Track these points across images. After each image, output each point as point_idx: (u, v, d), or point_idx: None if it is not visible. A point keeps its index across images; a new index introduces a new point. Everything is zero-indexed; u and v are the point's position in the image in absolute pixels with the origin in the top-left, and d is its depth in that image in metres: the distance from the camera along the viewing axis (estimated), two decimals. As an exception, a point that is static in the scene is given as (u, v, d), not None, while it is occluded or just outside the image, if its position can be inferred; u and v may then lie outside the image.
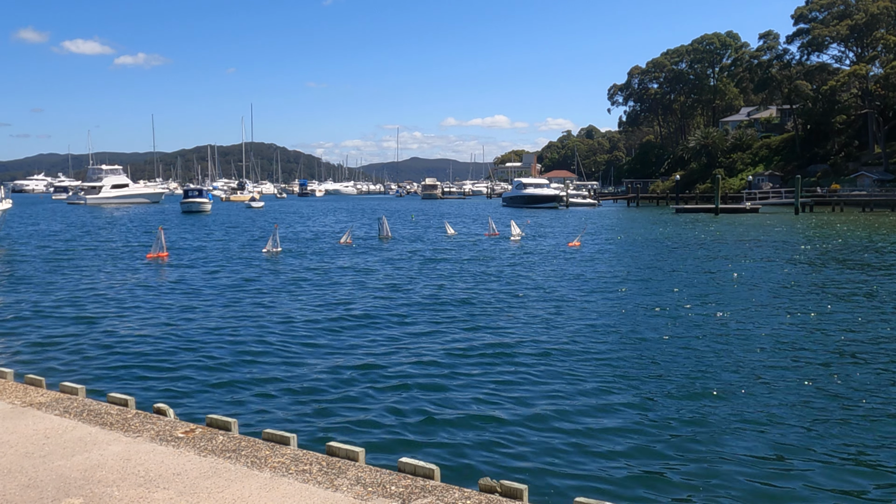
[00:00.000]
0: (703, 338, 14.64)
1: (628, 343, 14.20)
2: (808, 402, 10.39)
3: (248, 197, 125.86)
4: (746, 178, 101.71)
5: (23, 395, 7.70)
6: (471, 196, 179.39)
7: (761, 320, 16.55)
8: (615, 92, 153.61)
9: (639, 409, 10.13)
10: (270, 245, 34.97)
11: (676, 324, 16.14)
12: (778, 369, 12.19)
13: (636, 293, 20.89)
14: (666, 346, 13.90)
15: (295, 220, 69.77)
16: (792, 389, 11.01)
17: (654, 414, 9.89)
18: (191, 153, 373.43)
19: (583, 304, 18.88)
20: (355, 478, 5.42)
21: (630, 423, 9.55)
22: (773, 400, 10.49)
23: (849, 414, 9.86)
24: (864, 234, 44.16)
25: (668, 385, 11.25)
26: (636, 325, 16.04)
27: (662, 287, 22.14)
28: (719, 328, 15.68)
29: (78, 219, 67.70)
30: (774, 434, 9.13)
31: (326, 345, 14.19)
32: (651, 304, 18.88)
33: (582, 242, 38.93)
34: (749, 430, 9.27)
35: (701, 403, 10.37)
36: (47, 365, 12.50)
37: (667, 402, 10.37)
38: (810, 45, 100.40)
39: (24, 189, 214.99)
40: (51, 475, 5.50)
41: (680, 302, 19.14)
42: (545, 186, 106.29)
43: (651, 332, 15.18)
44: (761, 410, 10.02)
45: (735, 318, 16.74)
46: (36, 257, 31.56)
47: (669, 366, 12.42)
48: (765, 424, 9.48)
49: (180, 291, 21.41)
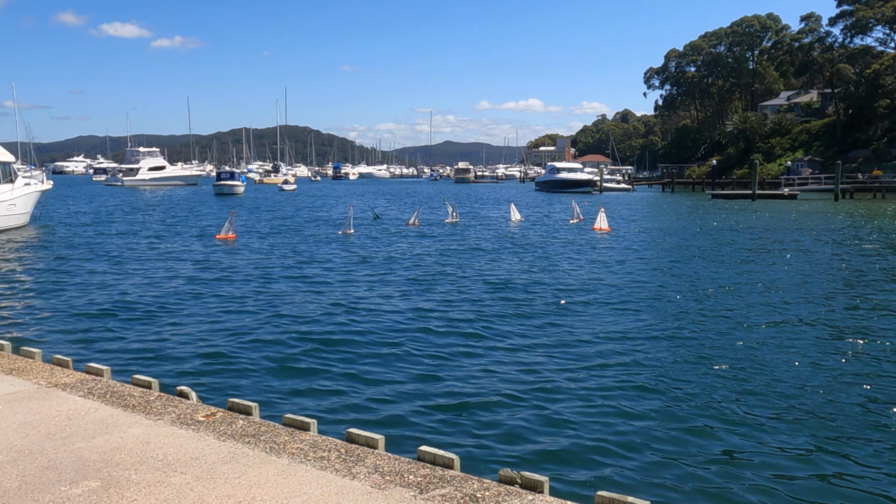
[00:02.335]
0: (752, 331, 14.35)
1: (676, 341, 13.93)
2: (867, 394, 10.11)
3: (281, 179, 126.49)
4: (785, 164, 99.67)
5: (49, 375, 7.75)
6: (503, 180, 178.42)
7: (822, 313, 16.18)
8: (651, 75, 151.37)
9: (667, 401, 9.91)
10: (347, 227, 36.12)
11: (717, 319, 15.84)
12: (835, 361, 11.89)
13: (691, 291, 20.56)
14: (702, 343, 13.64)
15: (335, 202, 69.87)
16: (843, 385, 10.72)
17: (683, 409, 9.65)
18: (226, 136, 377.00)
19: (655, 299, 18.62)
20: (373, 466, 5.34)
21: (659, 416, 9.34)
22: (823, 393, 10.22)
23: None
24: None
25: (702, 378, 11.02)
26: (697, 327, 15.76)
27: (711, 281, 21.78)
28: (770, 321, 15.36)
29: (122, 199, 68.65)
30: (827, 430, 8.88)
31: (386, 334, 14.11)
32: (699, 298, 18.57)
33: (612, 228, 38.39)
34: (800, 425, 9.03)
35: (735, 396, 10.13)
36: (98, 346, 12.60)
37: (696, 398, 10.14)
38: (854, 28, 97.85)
39: (64, 171, 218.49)
40: (70, 457, 5.51)
41: (724, 295, 18.79)
42: (579, 171, 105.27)
43: (693, 328, 14.90)
44: (808, 402, 9.77)
45: (792, 312, 16.39)
46: (84, 237, 32.06)
47: (706, 361, 12.16)
48: (819, 418, 9.23)
49: (258, 276, 21.50)
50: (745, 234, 35.40)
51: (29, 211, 37.88)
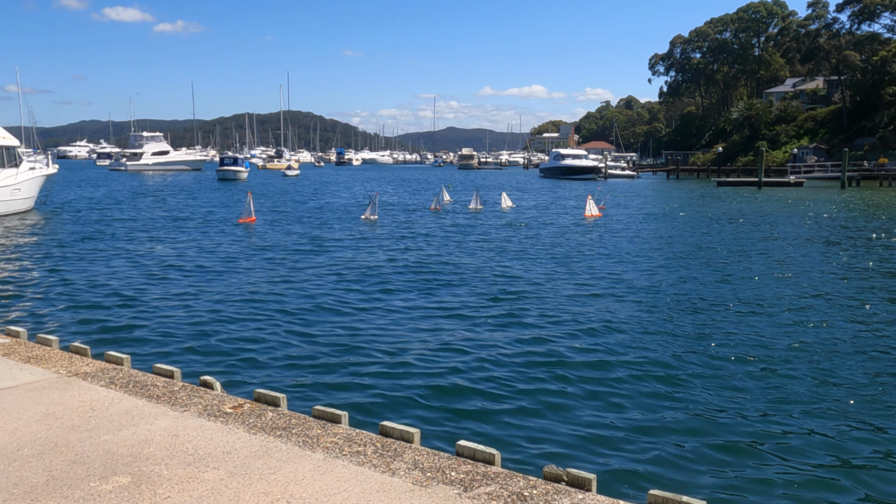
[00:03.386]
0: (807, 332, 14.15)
1: (718, 337, 13.72)
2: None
3: (284, 165, 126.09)
4: (791, 151, 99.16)
5: (68, 364, 7.56)
6: (507, 167, 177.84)
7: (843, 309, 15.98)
8: (656, 62, 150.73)
9: (717, 398, 9.67)
10: (369, 212, 35.70)
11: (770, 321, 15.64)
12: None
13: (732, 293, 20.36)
14: (755, 344, 13.44)
15: (342, 188, 69.52)
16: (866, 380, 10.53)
17: (734, 407, 9.23)
18: (229, 121, 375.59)
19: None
20: (412, 461, 5.15)
21: (708, 415, 9.07)
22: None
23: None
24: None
25: (752, 381, 10.80)
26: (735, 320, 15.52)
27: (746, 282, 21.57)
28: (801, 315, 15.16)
29: (126, 184, 68.37)
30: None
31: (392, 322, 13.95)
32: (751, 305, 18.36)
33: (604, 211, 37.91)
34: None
35: (784, 397, 9.94)
36: (109, 334, 12.41)
37: (745, 396, 9.83)
38: (861, 14, 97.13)
39: (68, 155, 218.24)
40: (97, 450, 5.31)
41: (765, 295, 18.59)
42: (584, 157, 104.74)
43: (748, 331, 14.69)
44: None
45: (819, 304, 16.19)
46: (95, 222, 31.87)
47: (760, 363, 11.92)
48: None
49: (279, 260, 21.34)
50: (786, 224, 35.15)
51: (34, 195, 37.66)
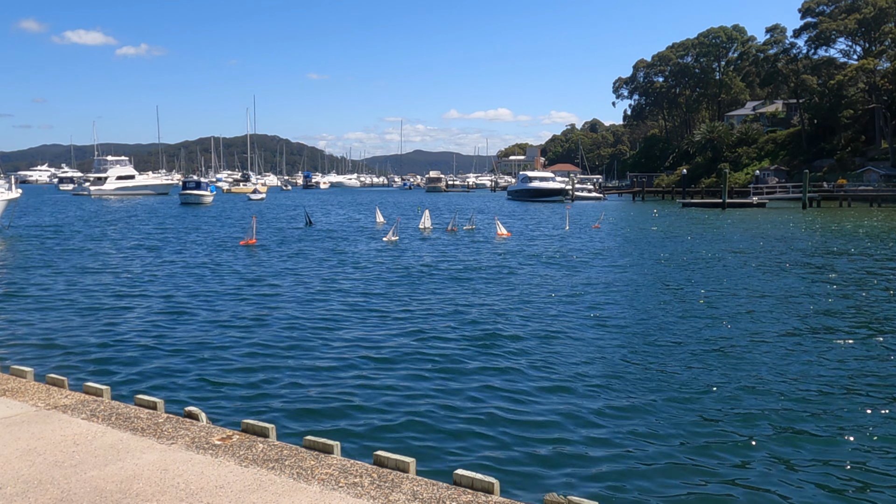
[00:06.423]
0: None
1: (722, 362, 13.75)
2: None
3: (251, 189, 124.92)
4: (753, 173, 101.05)
5: (46, 396, 7.36)
6: (474, 189, 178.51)
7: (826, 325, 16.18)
8: (620, 85, 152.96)
9: (719, 425, 9.68)
10: (391, 234, 36.92)
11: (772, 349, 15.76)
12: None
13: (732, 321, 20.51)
14: (752, 377, 13.52)
15: (321, 211, 69.13)
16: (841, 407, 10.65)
17: (735, 436, 9.08)
18: (194, 145, 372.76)
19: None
20: (411, 492, 5.07)
21: (713, 443, 9.10)
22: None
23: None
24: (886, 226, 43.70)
25: (749, 407, 10.87)
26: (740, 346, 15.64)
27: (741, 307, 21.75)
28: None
29: (89, 210, 67.27)
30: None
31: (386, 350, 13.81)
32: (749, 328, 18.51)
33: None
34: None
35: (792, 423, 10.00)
36: (76, 362, 12.12)
37: (737, 420, 9.87)
38: (818, 39, 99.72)
39: (28, 180, 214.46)
40: (85, 487, 5.15)
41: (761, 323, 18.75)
42: (551, 180, 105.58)
43: (751, 356, 14.76)
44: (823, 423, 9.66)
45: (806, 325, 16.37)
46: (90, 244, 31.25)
47: (757, 392, 11.98)
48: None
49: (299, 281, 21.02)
50: (730, 241, 35.64)
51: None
